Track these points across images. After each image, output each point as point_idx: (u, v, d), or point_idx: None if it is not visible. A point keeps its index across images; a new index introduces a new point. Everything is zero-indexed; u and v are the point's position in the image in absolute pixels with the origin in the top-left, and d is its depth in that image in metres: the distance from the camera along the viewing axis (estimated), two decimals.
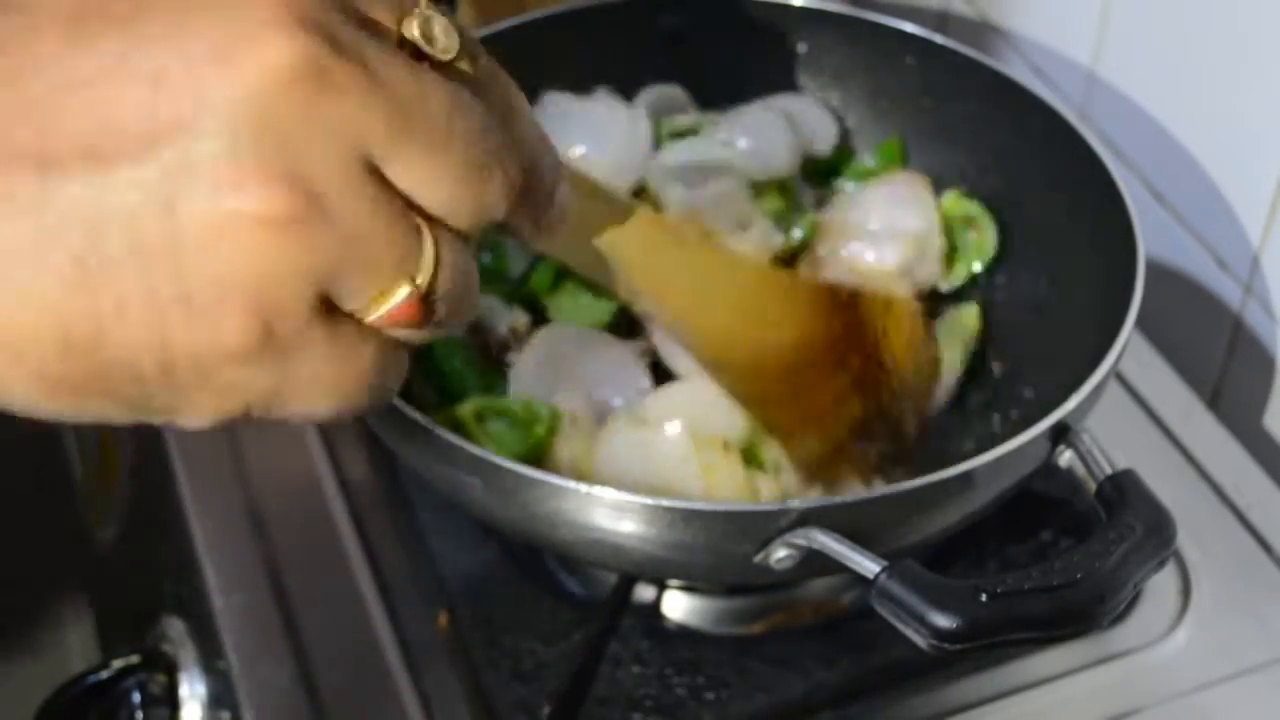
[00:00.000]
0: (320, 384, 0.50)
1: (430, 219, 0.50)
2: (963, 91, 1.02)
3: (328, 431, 0.99)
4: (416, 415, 0.74)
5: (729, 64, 1.09)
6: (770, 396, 0.85)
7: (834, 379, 0.87)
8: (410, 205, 0.49)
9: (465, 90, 0.50)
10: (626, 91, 1.07)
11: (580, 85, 1.07)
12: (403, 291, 0.50)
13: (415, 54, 0.49)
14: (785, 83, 1.09)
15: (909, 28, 1.03)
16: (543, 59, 1.05)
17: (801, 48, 1.08)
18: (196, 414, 0.50)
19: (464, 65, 0.51)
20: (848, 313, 0.89)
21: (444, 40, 0.50)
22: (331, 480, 0.96)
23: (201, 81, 0.45)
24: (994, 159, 1.02)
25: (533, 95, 1.06)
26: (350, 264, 0.48)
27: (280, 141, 0.45)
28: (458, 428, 0.85)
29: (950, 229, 1.00)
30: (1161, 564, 0.70)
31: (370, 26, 0.48)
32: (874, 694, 0.86)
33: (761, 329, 0.83)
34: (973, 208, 1.00)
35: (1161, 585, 0.90)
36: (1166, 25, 1.04)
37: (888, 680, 0.86)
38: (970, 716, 0.84)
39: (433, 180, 0.49)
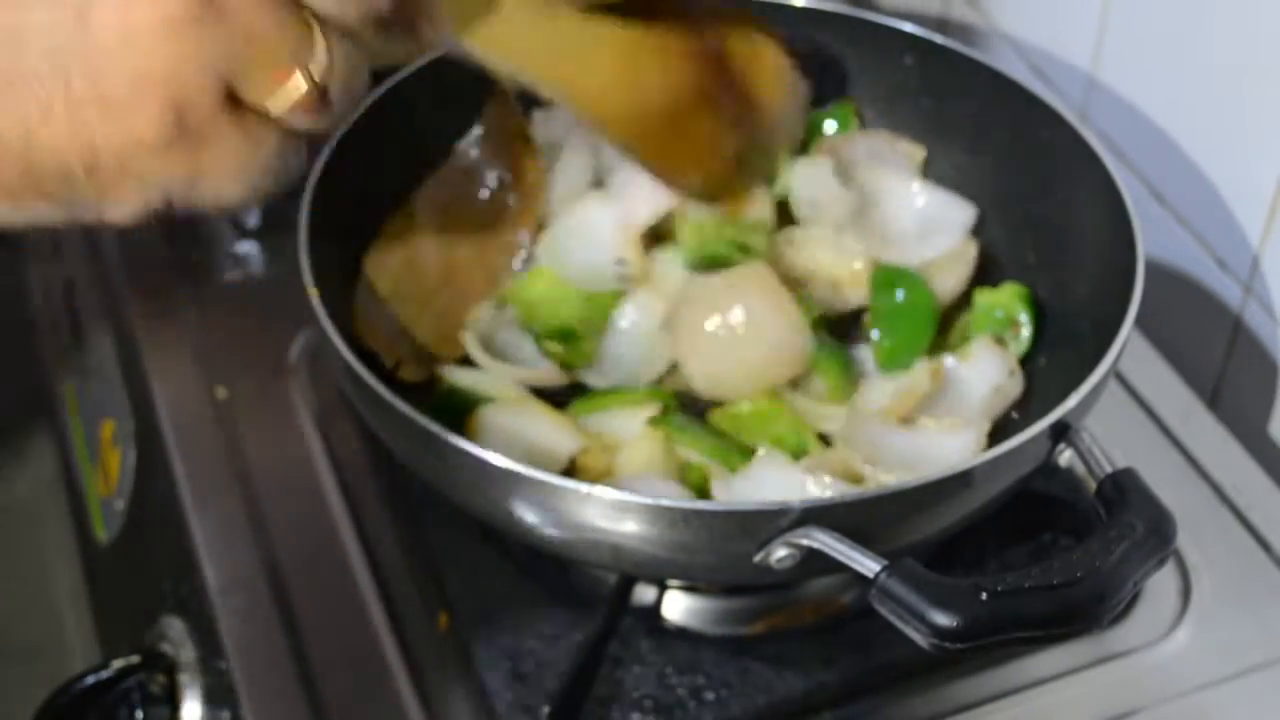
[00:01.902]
0: (229, 170, 0.57)
1: (321, 19, 0.57)
2: (962, 91, 1.02)
3: (328, 431, 0.99)
4: (416, 415, 0.74)
5: None
6: (652, 142, 0.87)
7: (709, 118, 0.89)
8: (301, 5, 0.56)
9: None
10: None
11: None
12: (299, 81, 0.56)
13: None
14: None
15: (908, 28, 1.03)
16: None
17: (801, 47, 1.08)
18: (122, 206, 0.57)
19: None
20: (717, 58, 0.90)
21: None
22: (331, 480, 0.96)
23: None
24: (994, 159, 1.02)
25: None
26: (249, 57, 0.55)
27: None
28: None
29: (990, 315, 0.96)
30: (1161, 563, 0.70)
31: None
32: (874, 694, 0.86)
33: (638, 83, 0.85)
34: (1021, 312, 0.95)
35: (1161, 585, 0.90)
36: (1166, 26, 1.04)
37: (888, 680, 0.86)
38: (970, 716, 0.84)
39: None
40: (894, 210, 1.02)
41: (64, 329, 1.22)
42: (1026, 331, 0.94)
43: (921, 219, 1.01)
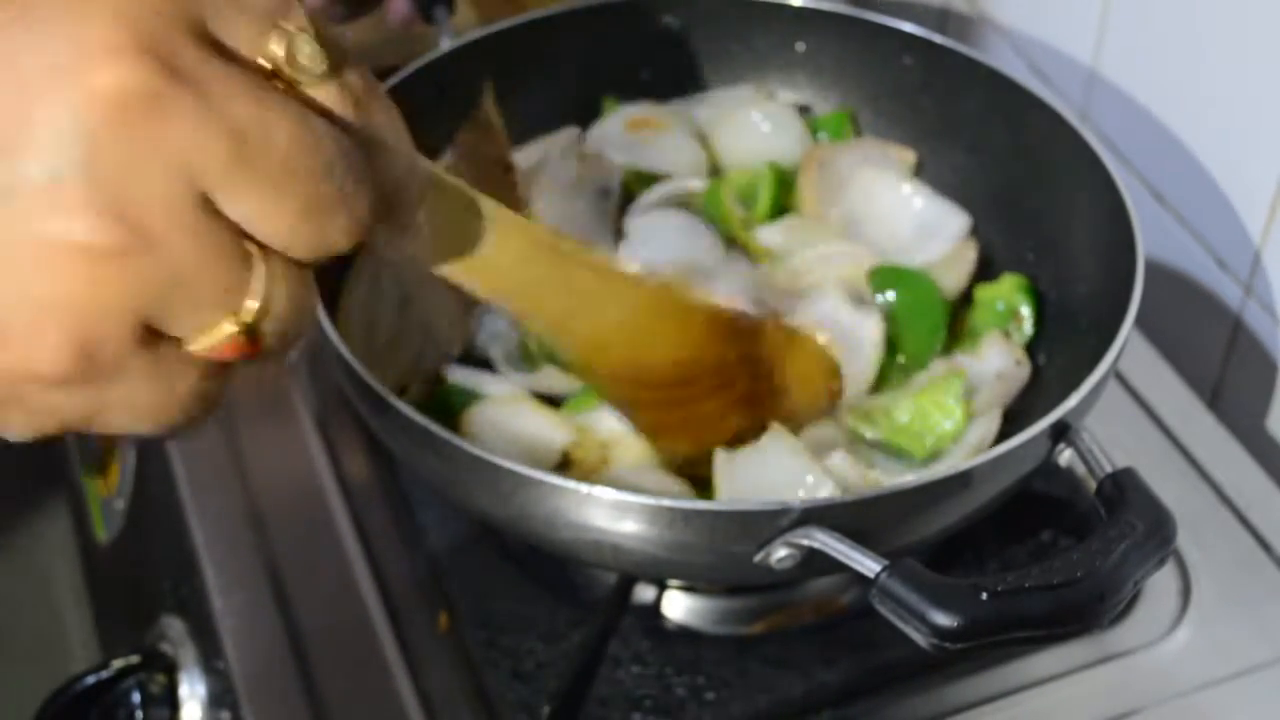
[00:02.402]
0: (138, 408, 0.49)
1: (265, 251, 0.48)
2: (962, 91, 1.02)
3: (328, 431, 0.99)
4: (416, 415, 0.74)
5: (728, 64, 1.09)
6: (642, 403, 0.83)
7: (718, 396, 0.86)
8: (245, 234, 0.48)
9: (319, 121, 0.48)
10: (626, 91, 1.07)
11: (579, 85, 1.07)
12: (227, 327, 0.48)
13: (275, 74, 0.47)
14: (784, 83, 1.09)
15: (908, 27, 1.03)
16: (543, 59, 1.05)
17: (800, 47, 1.08)
18: (10, 430, 0.49)
19: (329, 89, 0.49)
20: (744, 340, 0.87)
21: (308, 62, 0.48)
22: (331, 480, 0.96)
23: (31, 102, 0.44)
24: (993, 158, 1.02)
25: (534, 92, 1.07)
26: (174, 297, 0.47)
27: (108, 169, 0.44)
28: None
29: (992, 307, 0.97)
30: (1162, 562, 0.70)
31: (219, 48, 0.46)
32: (874, 694, 0.86)
33: (638, 344, 0.80)
34: (1023, 303, 0.96)
35: (1161, 585, 0.90)
36: (1166, 25, 1.04)
37: (888, 680, 0.86)
38: (970, 716, 0.84)
39: (269, 215, 0.47)
40: (888, 218, 1.02)
41: None
42: (1029, 320, 0.95)
43: (916, 225, 1.01)
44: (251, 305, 0.48)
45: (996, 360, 0.91)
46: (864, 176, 1.02)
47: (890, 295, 0.96)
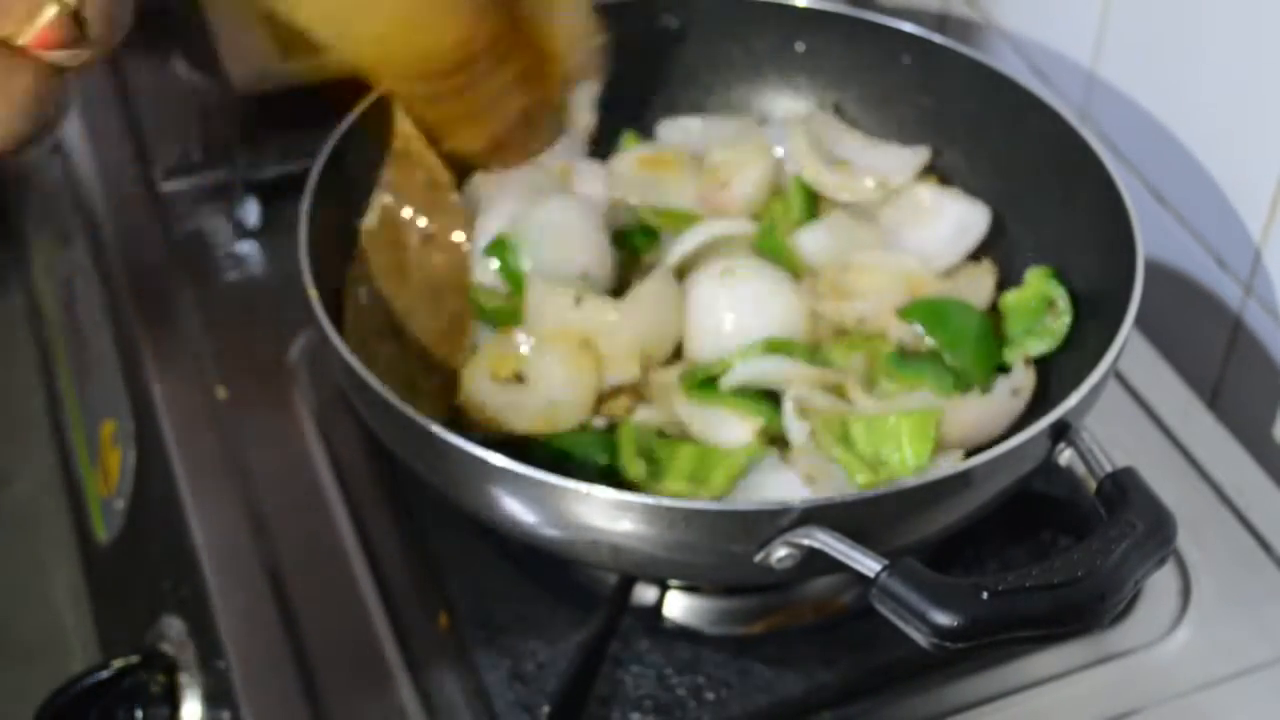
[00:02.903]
0: None
1: None
2: (961, 91, 1.02)
3: (328, 431, 0.99)
4: (416, 415, 0.74)
5: (728, 64, 1.09)
6: (431, 94, 0.85)
7: (497, 74, 0.86)
8: None
9: None
10: (625, 90, 1.07)
11: None
12: (50, 11, 0.51)
13: None
14: (782, 83, 1.09)
15: (907, 27, 1.03)
16: None
17: (800, 47, 1.08)
18: None
19: None
20: (508, 11, 0.86)
21: None
22: (331, 480, 0.96)
23: None
24: (992, 158, 1.02)
25: None
26: None
27: None
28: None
29: (1026, 308, 0.95)
30: (1162, 562, 0.70)
31: None
32: (874, 694, 0.86)
33: (420, 34, 0.82)
34: (1055, 290, 0.94)
35: (1161, 585, 0.90)
36: (1166, 25, 1.04)
37: (888, 680, 0.86)
38: (970, 716, 0.84)
39: None
40: (920, 230, 1.02)
41: (64, 329, 1.22)
42: (1065, 304, 0.93)
43: (948, 226, 1.01)
44: None
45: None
46: (889, 204, 1.03)
47: (941, 325, 0.94)
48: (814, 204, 1.03)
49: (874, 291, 0.95)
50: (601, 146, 1.06)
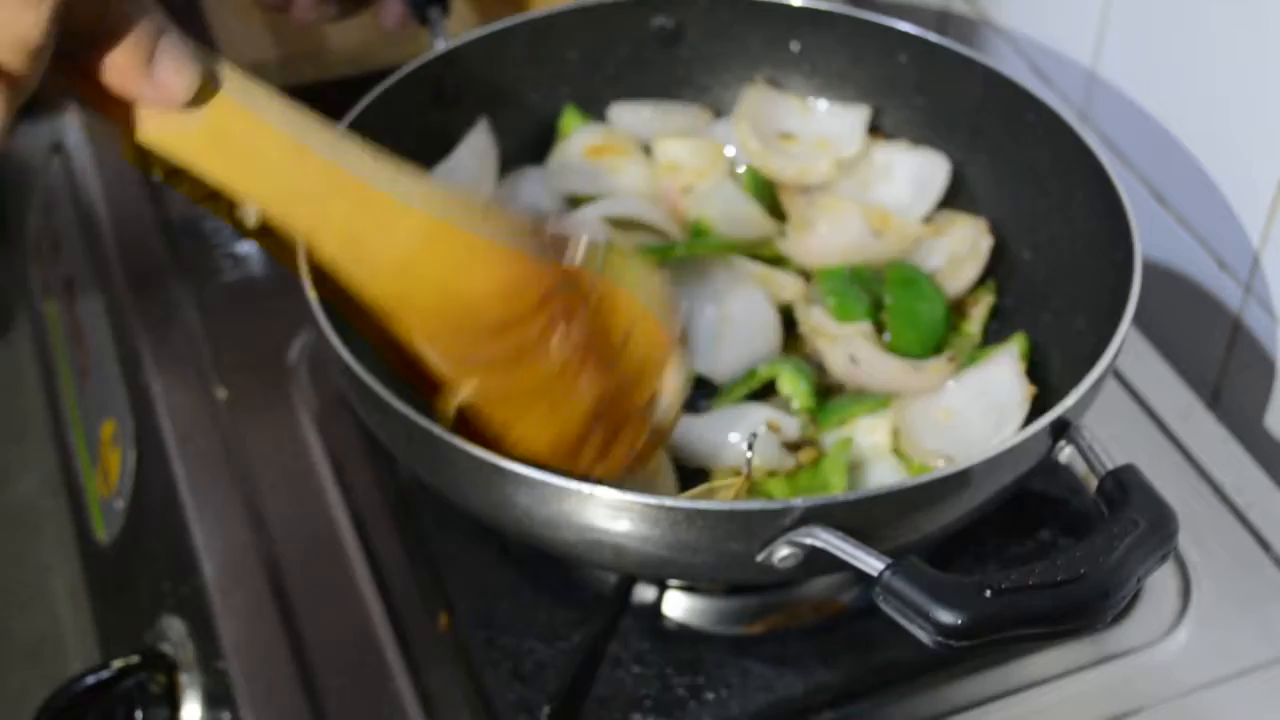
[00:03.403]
0: None
1: None
2: (957, 90, 1.02)
3: (328, 431, 0.99)
4: (415, 415, 0.74)
5: (723, 64, 1.09)
6: (474, 363, 0.74)
7: (554, 346, 0.74)
8: None
9: None
10: (622, 90, 1.07)
11: (577, 83, 1.07)
12: None
13: None
14: (780, 82, 1.09)
15: (903, 26, 1.03)
16: (542, 58, 1.06)
17: (795, 47, 1.08)
18: None
19: None
20: (556, 253, 0.75)
21: None
22: (331, 480, 0.96)
23: None
24: (990, 156, 1.02)
25: (529, 94, 1.07)
26: None
27: None
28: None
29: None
30: (1164, 558, 0.70)
31: None
32: (874, 694, 0.86)
33: (447, 274, 0.72)
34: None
35: (1161, 585, 0.90)
36: (1166, 25, 1.04)
37: (888, 680, 0.86)
38: (970, 716, 0.84)
39: None
40: (880, 190, 1.04)
41: (64, 329, 1.22)
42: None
43: (907, 181, 1.04)
44: None
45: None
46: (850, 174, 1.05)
47: (903, 294, 0.97)
48: (769, 189, 1.05)
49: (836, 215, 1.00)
50: None
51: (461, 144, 1.02)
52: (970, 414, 0.89)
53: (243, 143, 0.64)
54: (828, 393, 0.95)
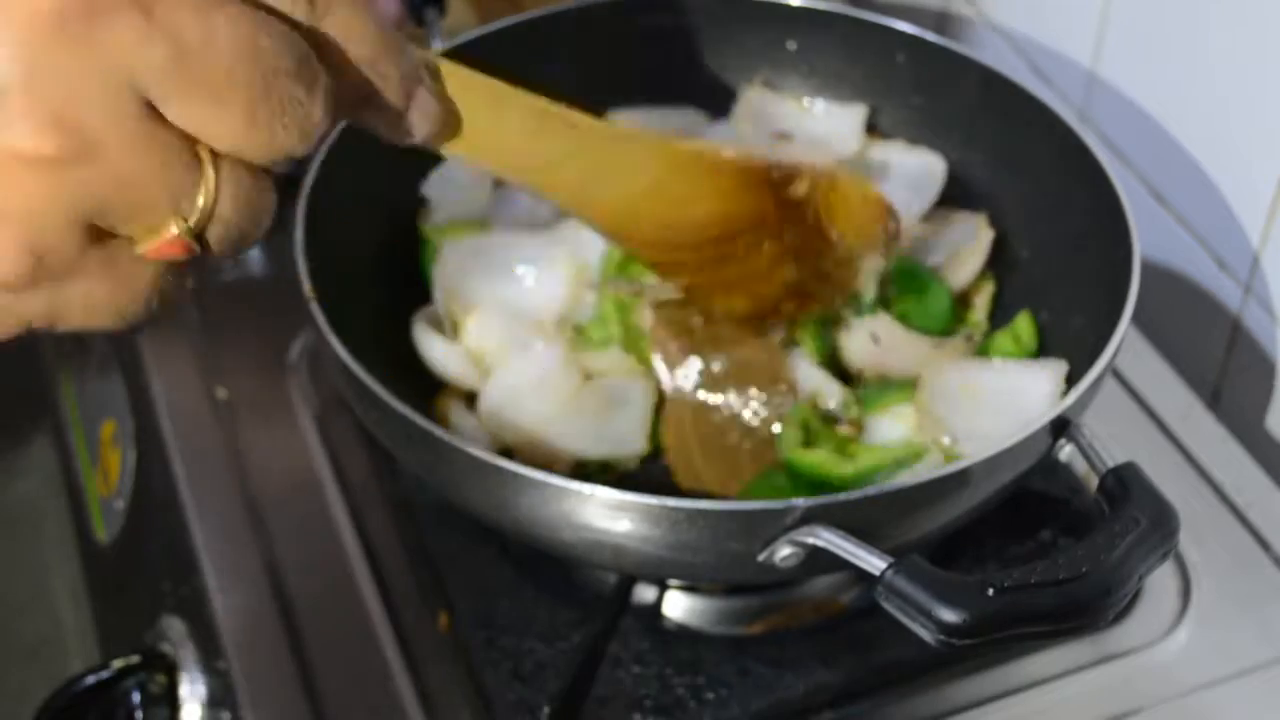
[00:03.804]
0: (95, 305, 0.52)
1: (216, 154, 0.50)
2: (954, 89, 1.02)
3: (328, 431, 0.99)
4: (415, 416, 0.74)
5: (719, 63, 1.09)
6: (686, 265, 0.84)
7: (764, 249, 0.85)
8: (193, 139, 0.50)
9: (266, 23, 0.50)
10: (618, 90, 1.07)
11: (576, 84, 1.07)
12: (171, 230, 0.50)
13: None
14: (775, 82, 1.09)
15: (900, 25, 1.03)
16: (539, 58, 1.05)
17: (792, 46, 1.08)
18: None
19: None
20: (780, 189, 0.85)
21: None
22: (331, 480, 0.96)
23: None
24: (987, 156, 1.02)
25: (530, 89, 1.06)
26: (119, 201, 0.49)
27: (48, 80, 0.46)
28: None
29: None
30: (1165, 556, 0.70)
31: None
32: (874, 694, 0.86)
33: (667, 206, 0.81)
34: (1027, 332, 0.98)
35: (1161, 585, 0.90)
36: (1166, 25, 1.04)
37: (888, 680, 0.86)
38: (970, 716, 0.84)
39: (214, 121, 0.49)
40: (882, 188, 1.03)
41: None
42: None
43: (905, 181, 1.03)
44: (199, 208, 0.50)
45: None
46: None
47: (899, 289, 0.97)
48: None
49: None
50: None
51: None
52: (994, 402, 0.89)
53: (486, 123, 0.67)
54: (846, 380, 0.94)
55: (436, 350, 0.92)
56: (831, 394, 0.90)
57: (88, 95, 0.47)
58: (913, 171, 1.03)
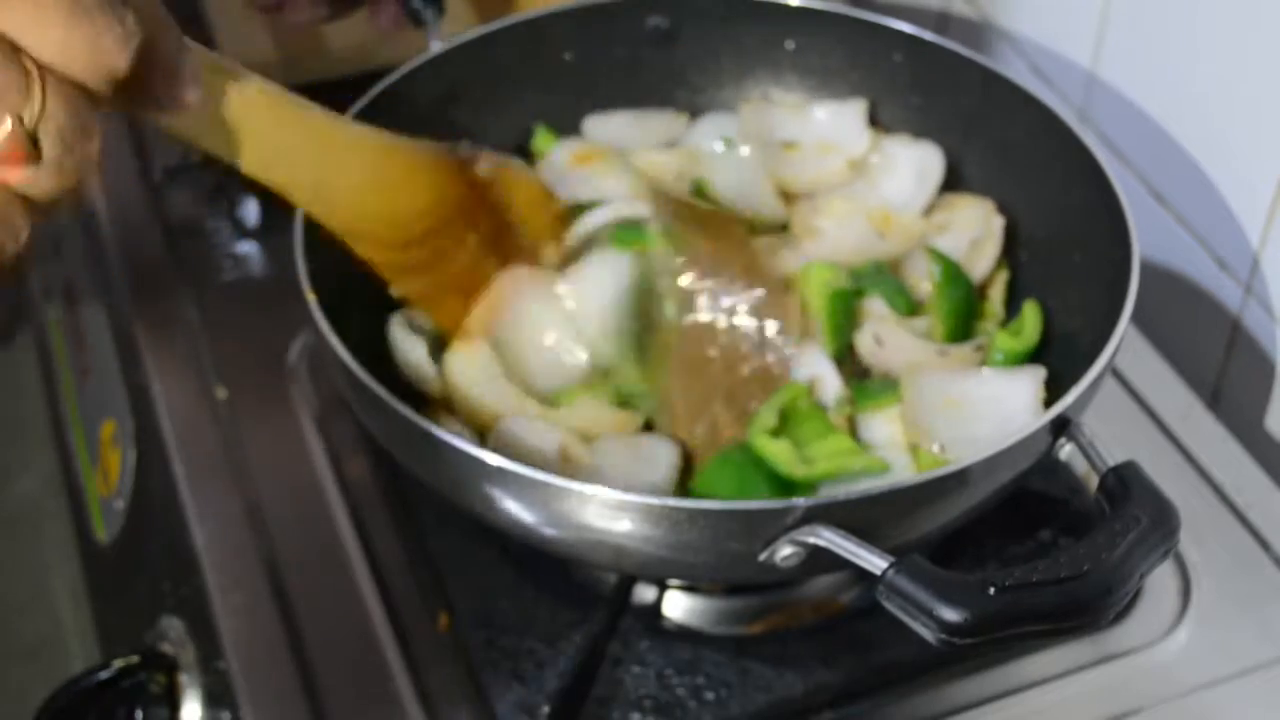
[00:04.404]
0: None
1: (41, 67, 0.52)
2: (953, 89, 1.02)
3: (328, 431, 0.99)
4: (415, 417, 0.74)
5: (720, 62, 1.09)
6: (409, 265, 0.88)
7: (467, 242, 0.91)
8: (17, 50, 0.52)
9: None
10: (615, 90, 1.07)
11: (574, 83, 1.07)
12: (4, 127, 0.52)
13: None
14: (773, 82, 1.09)
15: (897, 25, 1.03)
16: (538, 58, 1.05)
17: (790, 46, 1.08)
18: None
19: None
20: (467, 169, 0.91)
21: None
22: (331, 480, 0.96)
23: None
24: (985, 155, 1.02)
25: (524, 95, 1.07)
26: None
27: None
28: None
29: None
30: (1167, 554, 0.70)
31: None
32: (874, 694, 0.86)
33: (389, 198, 0.86)
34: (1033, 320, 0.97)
35: (1161, 585, 0.90)
36: (1166, 25, 1.04)
37: (888, 680, 0.86)
38: (970, 716, 0.84)
39: (34, 23, 0.51)
40: (882, 184, 1.04)
41: (64, 329, 1.22)
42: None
43: (909, 174, 1.03)
44: (30, 108, 0.52)
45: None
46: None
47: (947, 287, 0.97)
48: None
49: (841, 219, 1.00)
50: None
51: None
52: (977, 410, 0.89)
53: (233, 115, 0.71)
54: (866, 374, 0.95)
55: (413, 353, 0.92)
56: (831, 387, 0.90)
57: None
58: (917, 163, 1.03)
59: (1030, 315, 0.94)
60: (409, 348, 0.91)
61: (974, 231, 1.00)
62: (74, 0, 0.52)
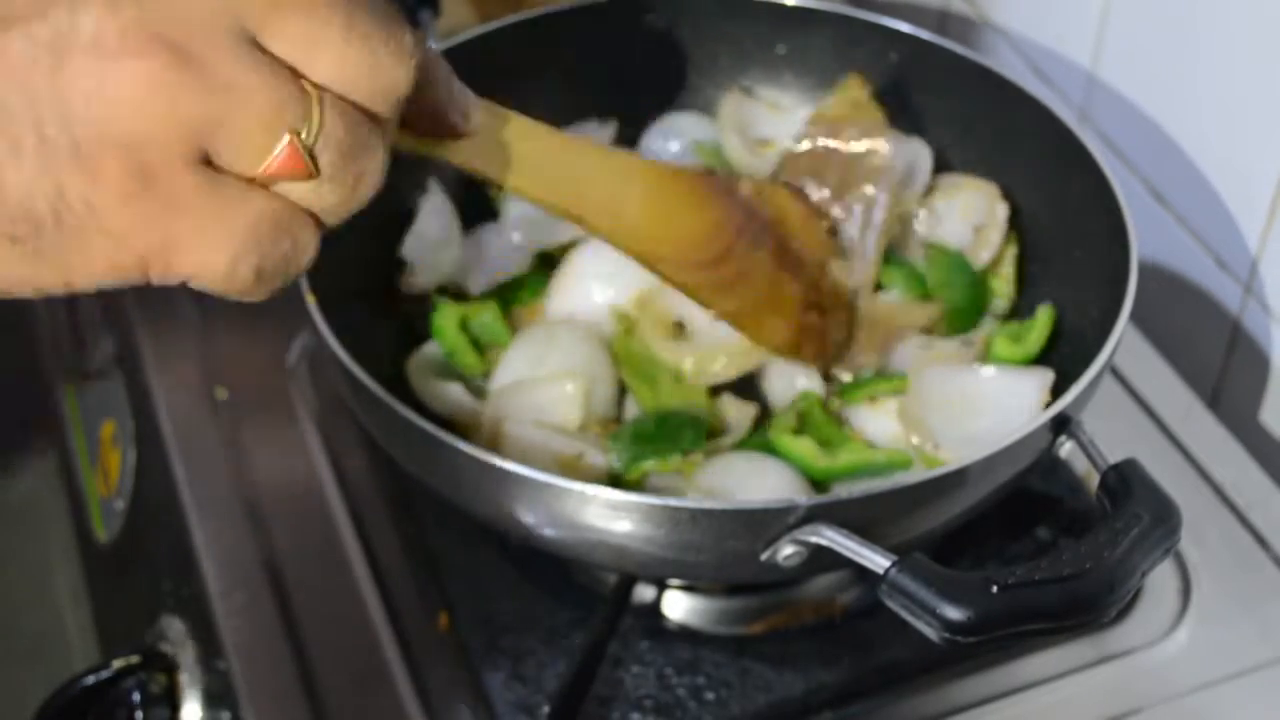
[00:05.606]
0: (207, 237, 0.53)
1: (322, 90, 0.53)
2: (950, 88, 1.02)
3: (328, 431, 0.99)
4: (415, 418, 0.74)
5: (713, 64, 1.09)
6: (721, 283, 0.88)
7: (759, 258, 0.90)
8: (299, 74, 0.53)
9: None
10: (620, 88, 1.07)
11: (574, 83, 1.07)
12: (282, 142, 0.52)
13: None
14: (769, 82, 1.09)
15: (893, 24, 1.03)
16: (538, 58, 1.05)
17: (783, 48, 1.08)
18: (91, 265, 0.53)
19: None
20: (735, 198, 0.91)
21: None
22: (331, 480, 0.96)
23: None
24: (983, 155, 1.02)
25: (523, 95, 1.06)
26: (227, 119, 0.51)
27: (156, 8, 0.50)
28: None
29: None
30: (1168, 552, 0.70)
31: None
32: (874, 694, 0.86)
33: (678, 219, 0.86)
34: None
35: (1161, 585, 0.90)
36: (1166, 25, 1.04)
37: (888, 680, 0.86)
38: (970, 716, 0.84)
39: (312, 47, 0.52)
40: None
41: (64, 330, 1.22)
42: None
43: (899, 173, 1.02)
44: (309, 125, 0.53)
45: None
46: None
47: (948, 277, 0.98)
48: None
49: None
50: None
51: (420, 211, 1.01)
52: (978, 408, 0.89)
53: (510, 143, 0.73)
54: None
55: (449, 394, 0.92)
56: (813, 385, 0.92)
57: (191, 20, 0.50)
58: (905, 162, 1.03)
59: (1040, 323, 0.94)
60: (439, 391, 0.91)
61: (977, 219, 0.99)
62: (348, 25, 0.53)
